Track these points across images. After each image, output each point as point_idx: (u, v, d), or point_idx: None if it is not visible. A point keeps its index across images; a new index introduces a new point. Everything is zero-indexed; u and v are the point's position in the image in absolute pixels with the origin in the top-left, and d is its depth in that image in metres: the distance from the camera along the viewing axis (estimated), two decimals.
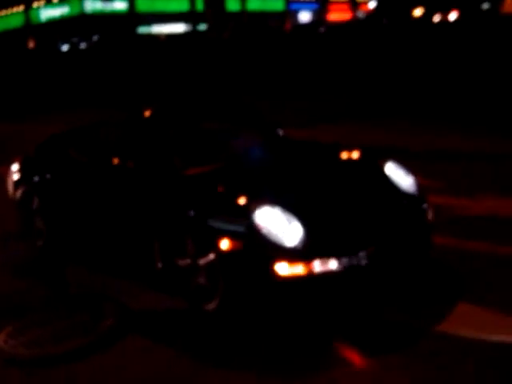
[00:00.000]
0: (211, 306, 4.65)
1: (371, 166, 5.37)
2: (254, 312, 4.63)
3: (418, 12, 59.12)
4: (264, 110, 9.84)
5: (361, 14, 63.29)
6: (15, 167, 6.93)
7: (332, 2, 64.97)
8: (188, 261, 4.81)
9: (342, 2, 65.98)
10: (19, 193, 6.77)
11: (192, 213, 4.72)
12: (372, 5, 63.68)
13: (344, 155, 5.61)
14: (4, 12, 52.68)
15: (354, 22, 43.72)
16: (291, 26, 51.46)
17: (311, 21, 59.37)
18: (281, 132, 6.41)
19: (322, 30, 36.93)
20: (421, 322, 4.49)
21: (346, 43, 21.23)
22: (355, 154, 5.59)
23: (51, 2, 48.69)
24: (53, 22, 48.46)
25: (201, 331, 4.62)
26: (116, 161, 5.66)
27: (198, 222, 4.66)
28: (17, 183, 6.84)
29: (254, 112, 6.64)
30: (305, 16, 62.19)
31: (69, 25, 46.35)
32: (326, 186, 5.00)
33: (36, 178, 6.59)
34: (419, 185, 5.25)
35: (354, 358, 4.26)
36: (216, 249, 4.50)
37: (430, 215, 5.06)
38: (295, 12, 61.25)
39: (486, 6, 57.61)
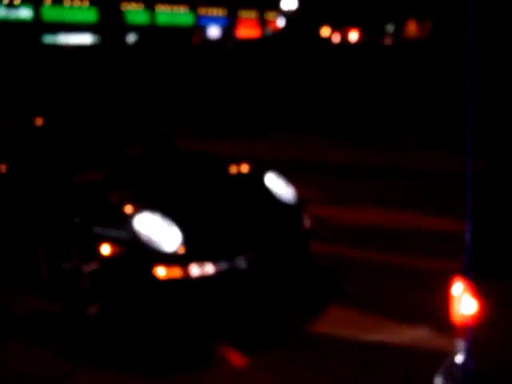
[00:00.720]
0: (93, 310, 4.76)
1: (253, 177, 5.64)
2: (135, 315, 4.76)
3: (325, 32, 60.56)
4: (161, 121, 10.04)
5: (268, 31, 64.37)
6: None
7: (241, 19, 65.81)
8: (72, 266, 4.90)
9: (251, 19, 66.93)
10: None
11: (77, 219, 4.84)
12: (280, 23, 64.97)
13: (228, 167, 5.86)
14: None
15: (260, 40, 44.49)
16: (199, 41, 51.79)
17: (220, 36, 59.94)
18: (172, 143, 6.59)
19: (229, 45, 37.40)
20: (297, 323, 4.77)
21: (251, 59, 21.64)
22: (239, 166, 5.85)
23: None
24: None
25: (80, 334, 4.72)
26: (3, 168, 5.69)
27: (83, 228, 4.78)
28: None
29: (146, 123, 6.81)
30: (214, 31, 62.68)
31: None
32: (208, 195, 5.22)
33: None
34: (298, 195, 5.55)
35: (233, 357, 4.47)
36: (98, 254, 4.63)
37: (307, 223, 5.35)
38: (204, 27, 61.63)
39: (390, 28, 59.66)
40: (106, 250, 4.59)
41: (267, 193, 5.42)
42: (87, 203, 4.99)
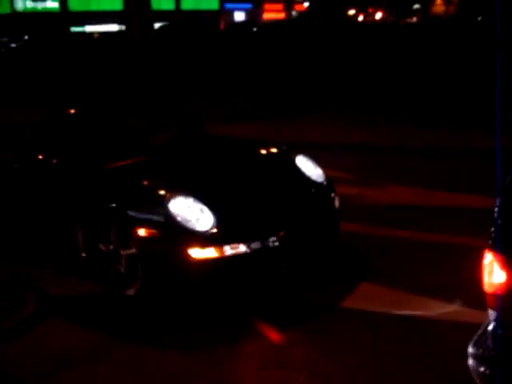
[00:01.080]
0: (131, 290, 4.93)
1: (283, 160, 5.77)
2: (171, 294, 4.92)
3: (352, 12, 60.24)
4: (193, 106, 10.16)
5: (295, 13, 64.11)
6: None
7: (267, 2, 65.61)
8: (109, 249, 5.08)
9: (277, 2, 66.69)
10: None
11: (113, 204, 5.01)
12: (306, 4, 64.64)
13: (259, 150, 5.99)
14: None
15: (285, 21, 44.29)
16: (225, 25, 51.80)
17: (245, 20, 59.85)
18: (202, 128, 6.73)
19: (254, 28, 37.29)
20: (329, 300, 4.90)
21: (276, 41, 21.62)
22: (269, 149, 5.98)
23: None
24: None
25: (117, 314, 4.92)
26: (40, 157, 5.86)
27: (119, 212, 4.95)
28: None
29: (176, 109, 6.96)
30: (239, 16, 62.63)
31: None
32: (240, 178, 5.37)
33: None
34: (327, 176, 5.66)
35: (269, 332, 4.63)
36: (135, 237, 4.79)
37: (336, 203, 5.47)
38: (230, 12, 61.62)
39: (417, 7, 59.09)
40: (141, 232, 4.75)
41: (297, 174, 5.54)
42: (123, 188, 5.16)
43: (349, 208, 6.13)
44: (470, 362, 2.90)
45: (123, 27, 41.55)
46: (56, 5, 48.15)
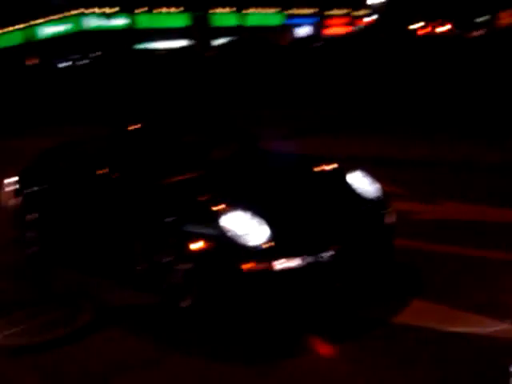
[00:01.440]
0: (186, 302, 5.05)
1: (339, 175, 5.82)
2: (224, 307, 5.01)
3: (414, 25, 59.48)
4: (253, 120, 10.28)
5: (357, 28, 63.85)
6: (11, 179, 7.38)
7: (330, 17, 65.62)
8: (165, 262, 5.22)
9: (340, 17, 66.63)
10: (16, 203, 7.21)
11: (170, 218, 5.15)
12: (369, 19, 64.31)
13: (315, 165, 6.05)
14: (6, 29, 53.30)
15: (350, 36, 44.08)
16: (288, 40, 52.01)
17: (308, 35, 59.95)
18: (259, 143, 6.85)
19: (318, 43, 37.25)
20: (382, 315, 4.91)
21: (340, 56, 21.56)
22: (326, 165, 6.04)
23: (51, 20, 49.27)
24: (52, 39, 48.99)
25: (172, 325, 5.08)
26: (102, 172, 6.07)
27: (175, 226, 5.09)
28: (14, 194, 7.29)
29: (234, 126, 7.12)
30: (303, 30, 62.79)
31: (68, 42, 46.89)
32: (296, 193, 5.45)
33: (30, 189, 7.04)
34: (384, 191, 5.70)
35: (321, 347, 4.68)
36: (190, 251, 4.92)
37: (392, 219, 5.49)
38: (293, 26, 61.85)
39: (482, 20, 57.98)
40: (197, 246, 4.87)
41: (352, 189, 5.58)
42: (180, 202, 5.30)
43: (405, 223, 6.12)
44: None
45: (186, 43, 42.33)
46: (125, 22, 49.30)
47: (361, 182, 5.70)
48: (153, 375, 4.32)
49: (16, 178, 7.37)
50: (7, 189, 7.37)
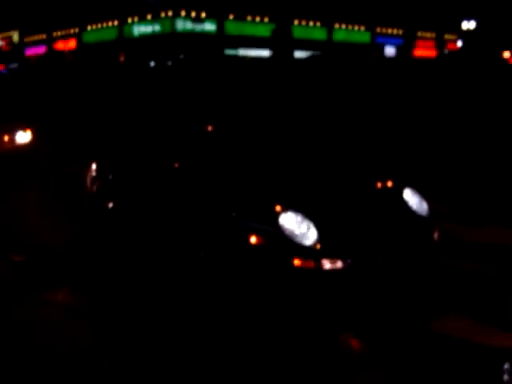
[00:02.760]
0: (241, 291, 5.53)
1: (391, 191, 6.21)
2: (274, 300, 5.45)
3: (506, 55, 58.47)
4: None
5: (446, 52, 63.20)
6: (94, 166, 8.05)
7: (419, 38, 65.20)
8: (225, 252, 5.70)
9: (429, 39, 66.11)
10: (95, 187, 7.88)
11: (234, 213, 5.66)
12: (459, 44, 63.57)
13: (369, 180, 6.44)
14: (98, 26, 55.12)
15: (435, 60, 43.71)
16: (375, 58, 51.93)
17: (395, 55, 59.77)
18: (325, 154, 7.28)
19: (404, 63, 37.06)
20: (418, 323, 5.26)
21: (423, 77, 21.47)
22: (379, 180, 6.43)
23: (145, 19, 50.72)
24: (143, 38, 50.45)
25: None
26: (176, 165, 6.62)
27: (238, 220, 5.59)
28: (93, 180, 7.96)
29: (304, 133, 7.60)
30: (390, 50, 62.61)
31: (158, 42, 48.22)
32: (347, 202, 5.88)
33: (110, 176, 7.69)
34: (432, 210, 6.03)
35: (355, 346, 5.08)
36: (249, 244, 5.41)
37: (437, 237, 5.83)
38: (381, 46, 61.72)
39: None
40: (254, 240, 5.36)
41: (402, 205, 5.96)
42: (243, 200, 5.81)
43: (450, 243, 6.45)
44: (505, 377, 3.21)
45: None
46: (213, 28, 50.34)
47: (411, 199, 6.06)
48: None
49: (95, 166, 8.03)
50: (92, 172, 8.06)
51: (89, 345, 4.65)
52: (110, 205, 7.59)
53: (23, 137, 13.07)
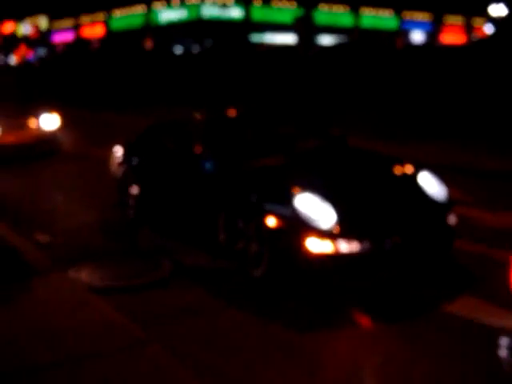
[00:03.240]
0: (258, 272, 5.67)
1: (408, 174, 6.25)
2: (292, 279, 5.59)
3: None
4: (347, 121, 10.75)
5: (475, 38, 62.44)
6: (119, 151, 8.24)
7: (446, 24, 64.53)
8: (244, 235, 5.85)
9: (457, 25, 65.40)
10: (120, 171, 8.08)
11: (253, 196, 5.78)
12: (489, 29, 62.78)
13: (388, 164, 6.50)
14: (124, 11, 55.39)
15: (465, 46, 43.19)
16: (402, 45, 51.61)
17: (424, 41, 59.24)
18: (345, 140, 7.37)
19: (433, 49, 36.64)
20: (433, 304, 5.33)
21: (452, 65, 21.33)
22: (398, 164, 6.48)
23: (171, 5, 50.91)
24: (170, 25, 50.67)
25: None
26: (198, 150, 6.75)
27: (257, 203, 5.70)
28: (119, 164, 8.16)
29: (323, 122, 7.71)
30: (417, 36, 62.08)
31: (185, 28, 48.42)
32: (366, 185, 5.93)
33: (134, 160, 7.87)
34: (449, 194, 6.11)
35: (366, 322, 5.19)
36: (266, 227, 5.52)
37: (452, 220, 5.91)
38: (408, 31, 61.22)
39: None
40: (272, 223, 5.46)
41: (419, 188, 6.01)
42: (263, 184, 5.92)
43: (467, 228, 6.51)
44: (503, 352, 3.27)
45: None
46: (240, 14, 50.38)
47: (428, 183, 6.12)
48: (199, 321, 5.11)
49: (121, 150, 8.22)
50: (116, 157, 8.25)
51: (108, 321, 4.82)
52: (135, 189, 7.78)
53: (49, 120, 13.33)
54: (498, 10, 58.43)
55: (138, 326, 4.72)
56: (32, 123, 13.09)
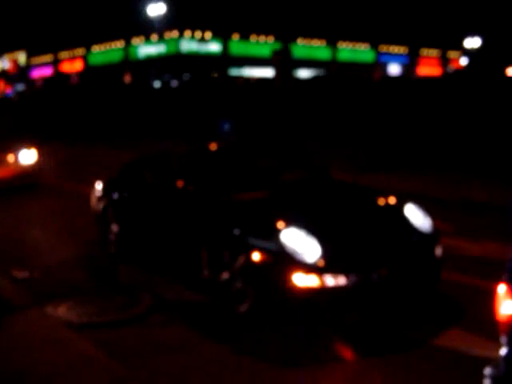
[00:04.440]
0: (243, 307, 5.56)
1: (394, 207, 6.22)
2: (278, 314, 5.44)
3: (510, 72, 58.43)
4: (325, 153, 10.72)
5: (450, 69, 63.43)
6: (98, 186, 8.16)
7: (422, 57, 65.55)
8: (228, 270, 5.75)
9: (433, 58, 66.46)
10: (100, 206, 7.97)
11: (235, 231, 5.69)
12: (464, 61, 63.80)
13: (372, 196, 6.46)
14: (104, 46, 55.63)
15: (441, 78, 43.88)
16: (379, 77, 52.25)
17: (400, 73, 60.04)
18: (328, 173, 7.33)
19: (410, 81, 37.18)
20: (419, 337, 5.23)
21: (428, 95, 21.65)
22: (382, 196, 6.44)
23: (149, 40, 51.21)
24: (149, 60, 50.94)
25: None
26: (180, 184, 6.68)
27: (240, 238, 5.62)
28: (99, 198, 8.06)
29: (305, 154, 7.67)
30: (394, 68, 62.95)
31: (163, 63, 48.67)
32: (350, 219, 5.86)
33: (115, 195, 7.77)
34: (434, 225, 6.06)
35: (352, 356, 5.08)
36: (250, 261, 5.43)
37: (439, 252, 5.85)
38: (384, 64, 62.08)
39: None
40: (256, 257, 5.37)
41: (405, 221, 5.96)
42: (246, 217, 5.83)
43: (451, 258, 6.46)
44: (487, 382, 3.23)
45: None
46: (218, 48, 50.75)
47: (413, 215, 6.07)
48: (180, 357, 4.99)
49: (101, 185, 8.13)
50: (96, 192, 8.15)
51: (88, 358, 4.70)
52: (115, 224, 7.67)
53: (28, 155, 13.22)
54: (472, 43, 59.48)
55: (117, 362, 4.61)
56: (10, 158, 12.97)
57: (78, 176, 15.01)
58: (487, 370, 3.27)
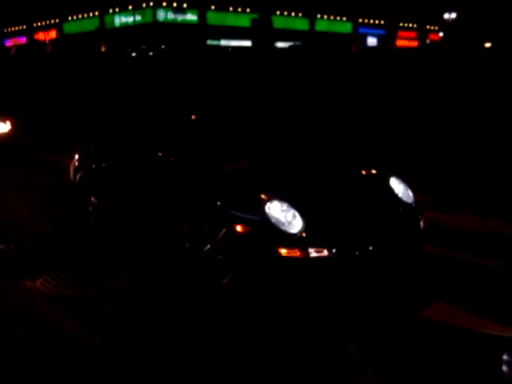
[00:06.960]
0: (226, 279, 5.50)
1: (377, 179, 6.18)
2: (259, 286, 5.39)
3: (487, 45, 58.55)
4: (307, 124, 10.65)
5: (427, 42, 63.41)
6: (76, 156, 7.97)
7: (400, 29, 65.38)
8: (210, 242, 5.66)
9: (411, 30, 66.33)
10: (78, 177, 7.80)
11: (218, 202, 5.59)
12: (440, 34, 63.84)
13: (357, 169, 6.42)
14: (80, 16, 54.81)
15: (417, 50, 43.81)
16: (356, 48, 52.11)
17: (377, 45, 59.89)
18: (312, 144, 7.24)
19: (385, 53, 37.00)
20: (404, 310, 5.24)
21: (403, 67, 21.55)
22: (366, 169, 6.40)
23: (126, 10, 50.45)
24: (125, 28, 50.20)
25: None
26: (161, 154, 6.55)
27: (223, 209, 5.53)
28: (76, 169, 7.88)
29: (290, 125, 7.57)
30: (372, 41, 62.75)
31: (140, 32, 47.99)
32: (334, 191, 5.82)
33: (93, 165, 7.60)
34: (417, 198, 6.02)
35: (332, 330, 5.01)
36: (234, 233, 5.35)
37: (422, 224, 5.82)
38: (362, 36, 61.85)
39: None
40: (239, 229, 5.30)
41: (388, 193, 5.92)
42: (229, 189, 5.74)
43: (432, 230, 6.48)
44: (504, 368, 3.21)
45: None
46: (195, 18, 50.15)
47: (397, 188, 6.04)
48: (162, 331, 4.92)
49: (77, 156, 7.96)
50: (74, 162, 7.98)
51: (66, 331, 4.62)
52: (93, 196, 7.53)
53: (2, 127, 12.95)
54: (449, 16, 59.40)
55: (96, 336, 4.54)
56: None
57: (53, 146, 14.78)
58: (505, 356, 3.24)
